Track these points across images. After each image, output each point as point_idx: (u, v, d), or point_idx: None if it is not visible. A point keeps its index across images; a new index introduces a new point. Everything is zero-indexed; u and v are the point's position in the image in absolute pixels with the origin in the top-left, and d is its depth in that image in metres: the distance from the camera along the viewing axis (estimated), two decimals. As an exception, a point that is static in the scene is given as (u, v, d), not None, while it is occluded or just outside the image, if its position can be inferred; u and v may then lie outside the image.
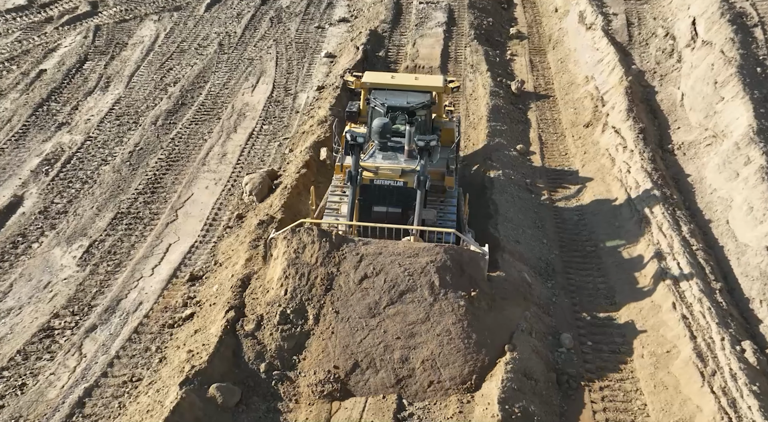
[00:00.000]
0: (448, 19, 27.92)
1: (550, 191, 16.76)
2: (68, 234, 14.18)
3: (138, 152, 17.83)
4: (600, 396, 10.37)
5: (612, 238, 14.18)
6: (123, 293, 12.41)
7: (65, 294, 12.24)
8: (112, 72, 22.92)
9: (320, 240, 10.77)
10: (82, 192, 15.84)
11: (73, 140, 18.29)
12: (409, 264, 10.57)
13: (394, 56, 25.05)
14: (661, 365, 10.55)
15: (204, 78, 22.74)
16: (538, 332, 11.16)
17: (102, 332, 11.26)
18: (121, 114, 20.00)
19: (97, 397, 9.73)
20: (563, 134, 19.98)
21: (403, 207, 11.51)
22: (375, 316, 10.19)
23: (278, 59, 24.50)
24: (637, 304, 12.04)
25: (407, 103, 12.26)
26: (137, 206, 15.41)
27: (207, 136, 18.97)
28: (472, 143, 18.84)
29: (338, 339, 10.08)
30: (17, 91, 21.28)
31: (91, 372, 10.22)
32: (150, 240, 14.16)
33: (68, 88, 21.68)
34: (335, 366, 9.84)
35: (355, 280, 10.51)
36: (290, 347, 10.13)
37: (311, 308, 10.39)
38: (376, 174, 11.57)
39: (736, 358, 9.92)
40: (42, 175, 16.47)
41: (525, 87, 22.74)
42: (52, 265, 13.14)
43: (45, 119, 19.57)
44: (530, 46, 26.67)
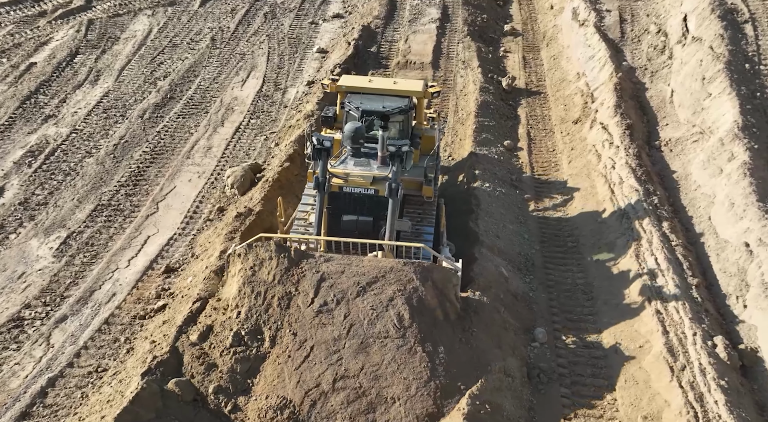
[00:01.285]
0: (441, 15, 27.80)
1: (535, 187, 16.64)
2: (46, 226, 14.16)
3: (123, 144, 17.81)
4: (571, 391, 10.26)
5: (594, 234, 14.06)
6: (97, 284, 12.37)
7: (39, 285, 12.22)
8: (103, 66, 22.91)
9: (278, 256, 9.99)
10: (63, 184, 15.83)
11: (59, 133, 18.28)
12: (374, 294, 9.61)
13: (386, 52, 24.95)
14: (634, 360, 10.45)
15: (194, 72, 22.70)
16: (509, 344, 11.01)
17: (72, 322, 11.24)
18: (109, 107, 19.98)
19: (60, 387, 9.70)
20: (552, 130, 19.85)
21: (374, 217, 10.85)
22: (335, 352, 9.27)
23: (270, 54, 24.44)
24: (614, 299, 11.93)
25: (383, 108, 11.73)
26: (118, 198, 15.38)
27: (193, 129, 18.93)
28: (459, 138, 18.74)
29: (294, 365, 9.26)
30: (5, 83, 21.29)
31: (57, 363, 10.20)
32: (129, 232, 14.13)
33: (57, 81, 21.67)
34: (289, 399, 8.99)
35: (314, 308, 9.62)
36: (244, 370, 9.39)
37: (267, 330, 9.64)
38: (346, 181, 10.89)
39: (706, 353, 9.81)
40: (25, 167, 16.46)
41: (516, 84, 22.61)
42: (27, 256, 13.12)
43: (32, 111, 19.57)
44: (524, 43, 26.54)
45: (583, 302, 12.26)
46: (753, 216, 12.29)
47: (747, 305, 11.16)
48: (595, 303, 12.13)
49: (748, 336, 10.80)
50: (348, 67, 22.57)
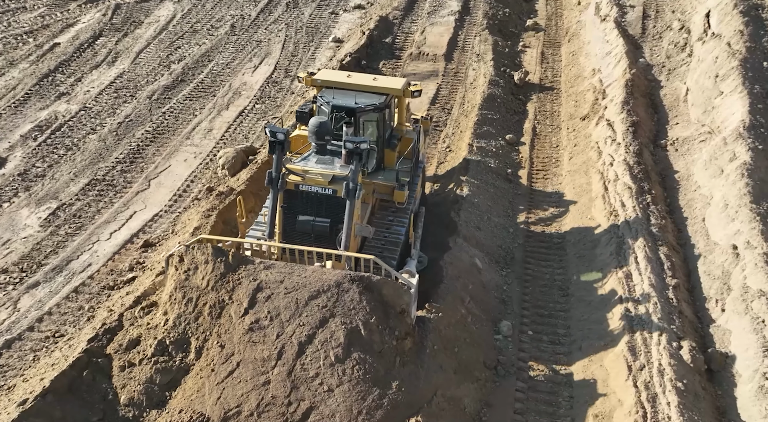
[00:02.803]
0: (462, 8, 27.45)
1: (530, 182, 16.23)
2: (40, 196, 14.60)
3: (127, 123, 18.22)
4: (527, 386, 9.96)
5: (581, 230, 13.62)
6: (75, 254, 12.69)
7: (20, 252, 12.62)
8: (122, 48, 23.48)
9: (214, 260, 9.14)
10: (64, 158, 16.29)
11: (69, 110, 18.83)
12: (312, 314, 8.70)
13: (401, 43, 24.77)
14: (596, 358, 10.09)
15: (209, 57, 23.04)
16: (475, 316, 10.79)
17: (43, 289, 11.56)
18: (121, 87, 20.47)
19: (16, 349, 9.99)
20: (559, 126, 19.34)
21: (332, 219, 9.94)
22: (263, 374, 8.43)
23: (285, 42, 24.60)
24: (588, 296, 11.55)
25: (355, 104, 11.01)
26: (113, 174, 15.74)
27: (198, 112, 19.21)
28: (460, 130, 18.44)
29: (217, 379, 8.47)
30: (28, 61, 22.05)
31: (18, 326, 10.51)
32: (116, 207, 14.44)
33: (77, 61, 22.32)
34: (206, 416, 8.23)
35: (246, 323, 8.74)
36: (163, 382, 8.67)
37: (195, 340, 8.89)
38: (303, 179, 9.97)
39: (668, 354, 9.37)
40: (30, 140, 17.01)
41: (530, 78, 22.13)
42: (16, 224, 13.56)
43: (48, 88, 20.21)
44: (545, 39, 25.96)
45: (558, 299, 11.89)
46: (744, 218, 11.66)
47: (725, 309, 10.61)
48: (569, 300, 11.76)
49: (721, 340, 10.26)
50: (359, 57, 22.52)
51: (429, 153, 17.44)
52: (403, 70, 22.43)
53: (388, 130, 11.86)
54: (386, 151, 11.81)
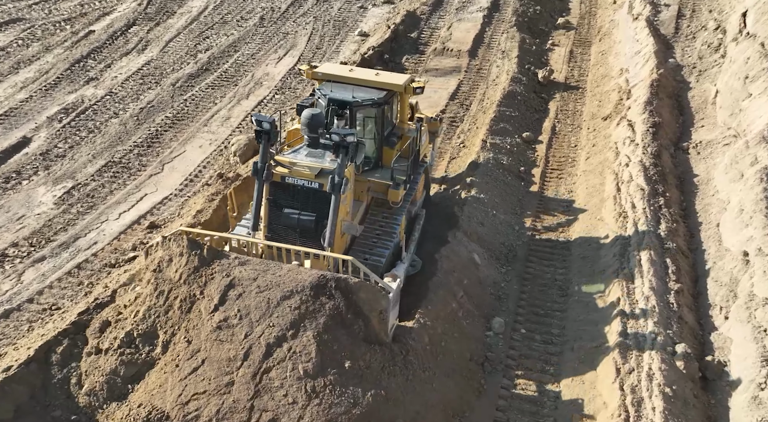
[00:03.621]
0: (491, 4, 27.12)
1: (543, 181, 15.90)
2: (57, 176, 15.08)
3: (149, 108, 18.64)
4: (513, 384, 9.76)
5: (588, 230, 13.26)
6: (83, 232, 13.05)
7: (32, 227, 13.05)
8: (153, 37, 24.04)
9: (189, 253, 8.88)
10: (85, 140, 16.78)
11: (95, 94, 19.39)
12: (282, 316, 8.32)
13: (426, 38, 24.62)
14: (587, 359, 9.82)
15: (236, 48, 23.37)
16: (468, 311, 10.63)
17: (48, 263, 11.93)
18: (147, 74, 20.95)
19: (14, 319, 10.34)
20: (580, 126, 18.90)
21: (317, 214, 9.59)
22: (227, 374, 8.13)
23: (312, 35, 24.77)
24: (586, 297, 11.24)
25: (352, 98, 10.69)
26: (129, 157, 16.13)
27: (218, 100, 19.51)
28: (477, 126, 18.20)
29: (180, 375, 8.21)
30: (63, 47, 22.80)
31: (19, 297, 10.88)
32: (129, 188, 14.79)
33: (108, 48, 22.96)
34: (165, 414, 7.99)
35: (214, 321, 8.44)
36: (127, 375, 8.48)
37: (163, 334, 8.70)
38: (290, 171, 9.70)
39: (660, 359, 9.04)
40: (55, 122, 17.58)
41: (555, 77, 21.70)
42: (32, 201, 14.04)
43: (78, 73, 20.86)
44: (576, 38, 25.43)
45: (556, 298, 11.61)
46: (758, 224, 11.14)
47: (729, 316, 10.16)
48: (567, 300, 11.47)
49: (721, 348, 9.83)
50: (382, 51, 22.49)
51: (442, 148, 17.28)
52: (425, 66, 22.30)
53: (388, 127, 11.54)
54: (384, 148, 11.42)
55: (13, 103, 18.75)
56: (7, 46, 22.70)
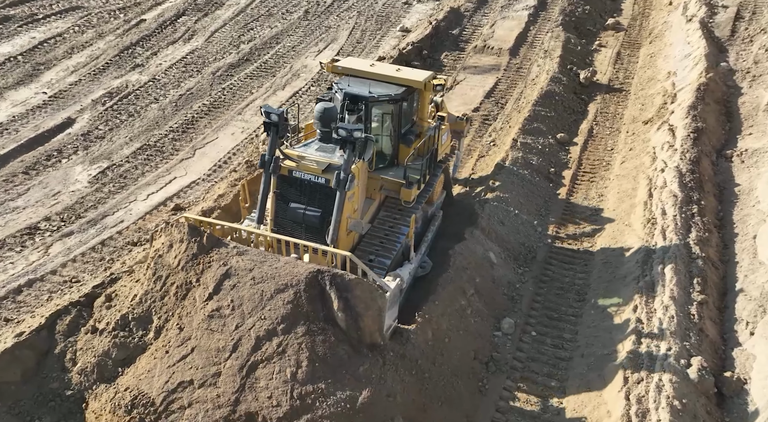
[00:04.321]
0: (538, 3, 26.58)
1: (573, 184, 15.46)
2: (95, 156, 15.67)
3: (188, 95, 19.14)
4: (516, 386, 9.51)
5: (613, 235, 12.82)
6: (112, 210, 13.52)
7: (65, 203, 13.61)
8: (200, 27, 24.67)
9: (188, 240, 8.81)
10: (124, 123, 17.38)
11: (139, 80, 20.04)
12: (274, 309, 8.14)
13: (468, 35, 24.34)
14: (596, 366, 9.48)
15: (278, 40, 23.73)
16: (477, 310, 10.44)
17: (74, 238, 12.41)
18: (190, 63, 21.52)
19: (35, 289, 10.79)
20: (619, 129, 18.28)
21: (323, 210, 9.40)
22: (215, 365, 8.02)
23: (354, 29, 24.88)
24: (604, 303, 10.85)
25: (368, 93, 10.39)
26: (164, 141, 16.60)
27: (255, 90, 19.85)
28: (510, 125, 17.86)
29: (169, 362, 8.14)
30: (115, 35, 23.68)
31: (44, 268, 11.35)
32: (160, 171, 15.23)
33: (157, 37, 23.70)
34: (150, 399, 7.93)
35: (207, 309, 8.33)
36: (119, 358, 8.48)
37: (157, 319, 8.65)
38: (298, 165, 9.51)
39: (672, 371, 8.61)
40: (99, 105, 18.28)
41: (598, 78, 21.09)
42: (68, 178, 14.64)
43: (126, 59, 21.62)
44: (625, 39, 24.64)
45: (572, 303, 11.27)
46: (795, 238, 10.48)
47: (754, 332, 9.60)
48: (584, 305, 11.11)
49: (743, 364, 9.30)
50: (421, 47, 22.37)
51: (472, 146, 17.04)
52: (464, 63, 22.05)
53: (407, 124, 11.24)
54: (401, 146, 11.11)
55: (63, 86, 19.59)
56: (64, 32, 23.72)
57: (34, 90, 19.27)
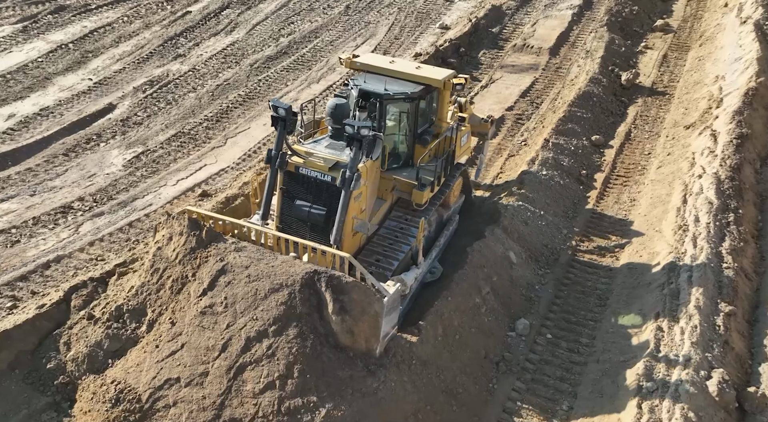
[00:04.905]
0: (584, 2, 25.96)
1: (605, 187, 15.03)
2: (131, 141, 16.15)
3: (224, 86, 19.51)
4: (526, 387, 9.31)
5: (642, 241, 12.40)
6: (142, 194, 13.90)
7: (99, 185, 14.07)
8: (242, 20, 25.11)
9: (188, 233, 8.66)
10: (161, 111, 17.85)
11: (180, 69, 20.55)
12: (267, 310, 7.90)
13: (508, 34, 23.99)
14: (611, 372, 9.19)
15: (316, 34, 23.93)
16: (492, 308, 10.28)
17: (104, 219, 12.82)
18: (229, 54, 21.93)
19: (63, 265, 11.19)
20: (658, 133, 17.68)
21: (329, 209, 9.10)
22: (203, 363, 7.84)
23: (393, 25, 24.87)
24: (626, 309, 10.50)
25: (384, 90, 10.04)
26: (198, 129, 16.97)
27: (290, 82, 20.07)
28: (543, 125, 17.51)
29: (158, 357, 8.01)
30: (161, 25, 24.35)
31: (72, 246, 11.76)
32: (191, 158, 15.58)
33: (200, 28, 24.25)
34: (136, 395, 7.81)
35: (200, 305, 8.14)
36: (111, 349, 8.37)
37: (151, 312, 8.54)
38: (305, 162, 9.26)
39: (690, 382, 8.25)
40: (140, 92, 18.83)
41: (640, 81, 20.46)
42: (104, 161, 15.14)
43: (169, 49, 22.20)
44: (673, 41, 23.84)
45: (592, 307, 10.95)
46: (835, 251, 9.89)
47: (783, 348, 9.10)
48: (604, 311, 10.78)
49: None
50: (459, 44, 22.18)
51: (502, 145, 16.79)
52: (502, 61, 21.75)
53: (424, 124, 10.88)
54: (417, 146, 10.74)
55: (108, 73, 20.26)
56: (113, 21, 24.53)
57: (80, 76, 19.99)
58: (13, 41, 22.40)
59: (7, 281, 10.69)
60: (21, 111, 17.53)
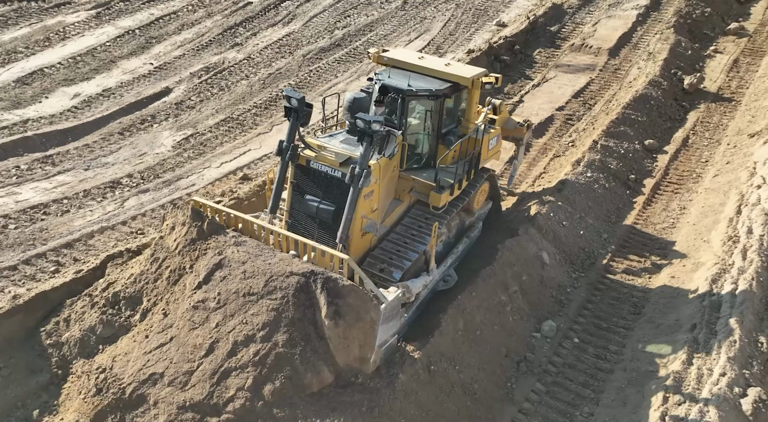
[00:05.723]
0: (651, 2, 24.90)
1: (653, 193, 14.38)
2: (182, 124, 16.71)
3: (276, 75, 19.89)
4: (546, 390, 9.02)
5: (688, 250, 11.79)
6: (186, 174, 14.35)
7: (147, 164, 14.63)
8: (300, 12, 25.53)
9: (190, 224, 8.50)
10: (214, 96, 18.38)
11: (235, 58, 21.10)
12: (258, 312, 7.61)
13: (567, 33, 23.34)
14: (637, 382, 8.78)
15: (371, 28, 24.03)
16: (518, 308, 10.03)
17: (149, 195, 13.31)
18: (284, 45, 22.34)
19: (105, 236, 11.70)
20: (719, 141, 16.77)
21: (338, 206, 8.74)
22: (189, 362, 7.61)
23: (449, 21, 24.68)
24: (660, 318, 10.02)
25: (407, 86, 9.64)
26: (246, 115, 17.37)
27: (340, 74, 20.25)
28: (594, 127, 16.93)
29: (147, 348, 7.82)
30: (222, 15, 25.08)
31: (116, 219, 12.28)
32: (237, 143, 15.96)
33: (259, 19, 24.81)
34: (121, 385, 7.65)
35: (193, 299, 7.91)
36: (104, 335, 8.28)
37: (146, 301, 8.40)
38: (317, 156, 8.95)
39: (723, 398, 7.76)
40: (195, 78, 19.45)
41: (704, 85, 19.47)
42: (155, 141, 15.72)
43: (228, 38, 22.84)
44: (747, 45, 22.57)
45: (625, 315, 10.50)
46: None
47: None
48: (638, 319, 10.32)
49: (809, 407, 8.19)
50: (514, 42, 21.76)
51: (548, 145, 16.35)
52: (557, 61, 21.18)
53: (451, 124, 10.45)
54: (440, 147, 10.29)
55: (168, 59, 21.03)
56: (179, 10, 25.44)
57: (143, 61, 20.84)
58: (86, 26, 23.58)
59: (53, 248, 11.29)
60: (86, 91, 18.45)
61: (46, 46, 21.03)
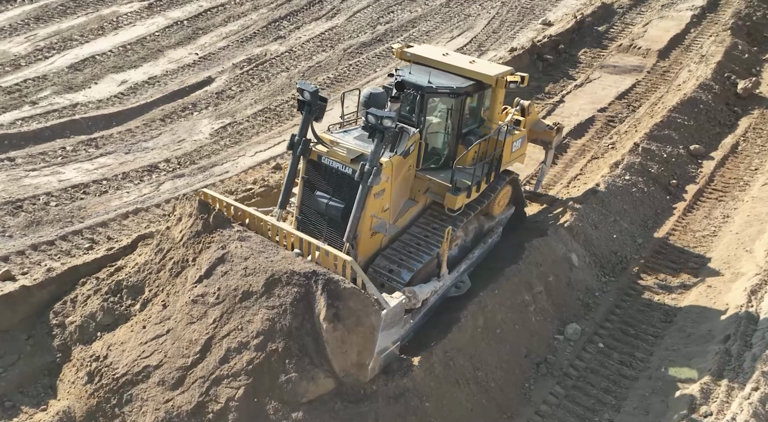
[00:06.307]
0: (708, 3, 23.92)
1: (696, 199, 13.81)
2: (221, 112, 17.02)
3: (316, 68, 20.04)
4: (565, 393, 8.76)
5: (728, 260, 11.29)
6: (221, 161, 14.60)
7: (185, 150, 14.96)
8: (344, 7, 25.64)
9: (196, 216, 8.36)
10: (253, 87, 18.65)
11: (277, 50, 21.36)
12: (255, 311, 7.43)
13: (615, 33, 22.68)
14: (662, 391, 8.44)
15: (414, 24, 23.94)
16: (542, 309, 9.79)
17: (183, 180, 13.60)
18: (326, 38, 22.48)
19: (139, 217, 12.01)
20: (771, 149, 15.97)
21: (347, 203, 8.46)
22: (183, 357, 7.49)
23: (493, 19, 24.36)
24: (691, 328, 9.61)
25: (427, 83, 9.32)
26: (283, 106, 17.55)
27: (379, 69, 20.25)
28: (636, 130, 16.39)
29: (144, 338, 7.73)
30: (267, 8, 25.42)
31: (150, 201, 12.61)
32: (272, 133, 16.15)
33: (303, 13, 25.05)
34: (115, 373, 7.58)
35: (193, 294, 7.77)
36: (103, 323, 8.22)
37: (148, 291, 8.30)
38: (329, 151, 8.71)
39: (753, 413, 7.37)
40: (237, 68, 19.78)
41: (760, 91, 18.62)
42: (194, 129, 16.06)
43: (271, 31, 23.14)
44: (808, 50, 21.44)
45: (655, 322, 10.11)
46: None
47: None
48: (668, 328, 9.92)
49: None
50: (559, 41, 21.28)
51: (587, 146, 15.91)
52: (603, 61, 20.61)
53: (473, 123, 10.05)
54: (459, 146, 9.91)
55: (213, 50, 21.46)
56: (226, 2, 25.92)
57: (188, 51, 21.33)
58: (138, 16, 24.30)
59: (89, 225, 11.68)
60: (132, 78, 19.01)
61: (100, 35, 21.77)
